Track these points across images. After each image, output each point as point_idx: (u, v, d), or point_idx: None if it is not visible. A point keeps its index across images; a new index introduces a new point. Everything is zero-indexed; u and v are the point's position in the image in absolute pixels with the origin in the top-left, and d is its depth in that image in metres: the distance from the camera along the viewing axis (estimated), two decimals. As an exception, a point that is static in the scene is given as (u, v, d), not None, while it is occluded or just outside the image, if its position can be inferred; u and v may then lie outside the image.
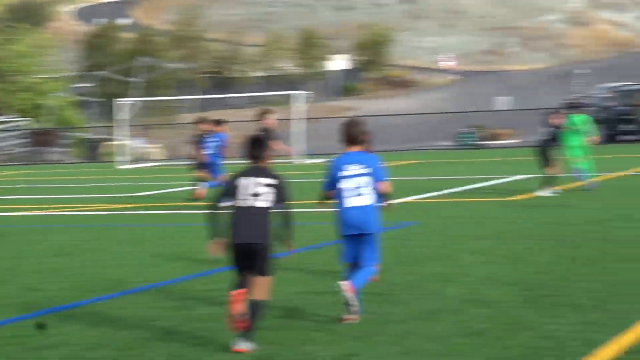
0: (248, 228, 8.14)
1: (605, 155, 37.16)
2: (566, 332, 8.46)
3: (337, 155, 9.62)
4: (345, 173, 9.35)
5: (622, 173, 27.10)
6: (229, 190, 8.30)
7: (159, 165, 50.52)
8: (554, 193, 21.43)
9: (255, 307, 8.11)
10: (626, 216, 16.83)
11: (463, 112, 52.25)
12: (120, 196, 26.74)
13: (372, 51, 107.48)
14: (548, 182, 21.49)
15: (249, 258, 8.14)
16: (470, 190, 23.82)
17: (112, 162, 52.56)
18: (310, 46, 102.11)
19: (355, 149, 9.49)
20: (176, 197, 25.85)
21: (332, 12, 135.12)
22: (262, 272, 8.19)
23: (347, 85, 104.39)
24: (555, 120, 21.59)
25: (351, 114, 71.01)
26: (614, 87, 60.77)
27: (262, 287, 8.19)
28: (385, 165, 9.76)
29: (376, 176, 9.40)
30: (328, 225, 17.09)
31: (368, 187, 9.33)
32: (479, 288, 10.58)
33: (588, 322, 8.80)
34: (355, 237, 9.36)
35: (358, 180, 9.33)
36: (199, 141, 23.72)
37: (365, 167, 9.36)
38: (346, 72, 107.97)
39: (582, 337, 8.25)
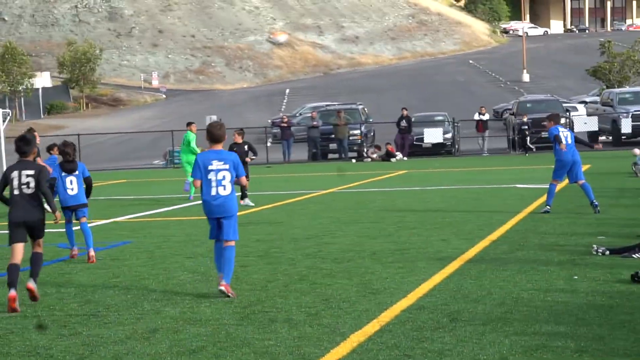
0: (25, 209, 11.00)
1: (310, 173, 38.30)
2: (282, 347, 8.65)
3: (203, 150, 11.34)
4: (210, 167, 11.09)
5: (326, 190, 27.97)
6: (5, 181, 11.15)
7: None
8: (246, 205, 23.09)
9: (37, 258, 11.23)
10: (334, 232, 17.38)
11: (173, 130, 51.94)
12: None
13: (77, 69, 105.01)
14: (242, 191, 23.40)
15: (30, 230, 11.09)
16: (181, 209, 23.85)
17: None
18: (12, 62, 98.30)
19: (218, 147, 11.21)
20: None
21: (35, 27, 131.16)
22: (40, 236, 11.22)
23: (52, 103, 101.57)
24: (238, 139, 24.04)
25: (57, 132, 69.21)
26: (317, 107, 62.83)
27: (41, 245, 11.29)
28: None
29: (236, 171, 11.14)
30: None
31: (228, 179, 11.08)
32: (196, 306, 10.63)
33: (303, 336, 9.03)
34: (218, 219, 11.19)
35: (221, 174, 11.09)
36: None
37: (226, 163, 11.09)
38: (51, 90, 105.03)
39: (298, 352, 8.46)
